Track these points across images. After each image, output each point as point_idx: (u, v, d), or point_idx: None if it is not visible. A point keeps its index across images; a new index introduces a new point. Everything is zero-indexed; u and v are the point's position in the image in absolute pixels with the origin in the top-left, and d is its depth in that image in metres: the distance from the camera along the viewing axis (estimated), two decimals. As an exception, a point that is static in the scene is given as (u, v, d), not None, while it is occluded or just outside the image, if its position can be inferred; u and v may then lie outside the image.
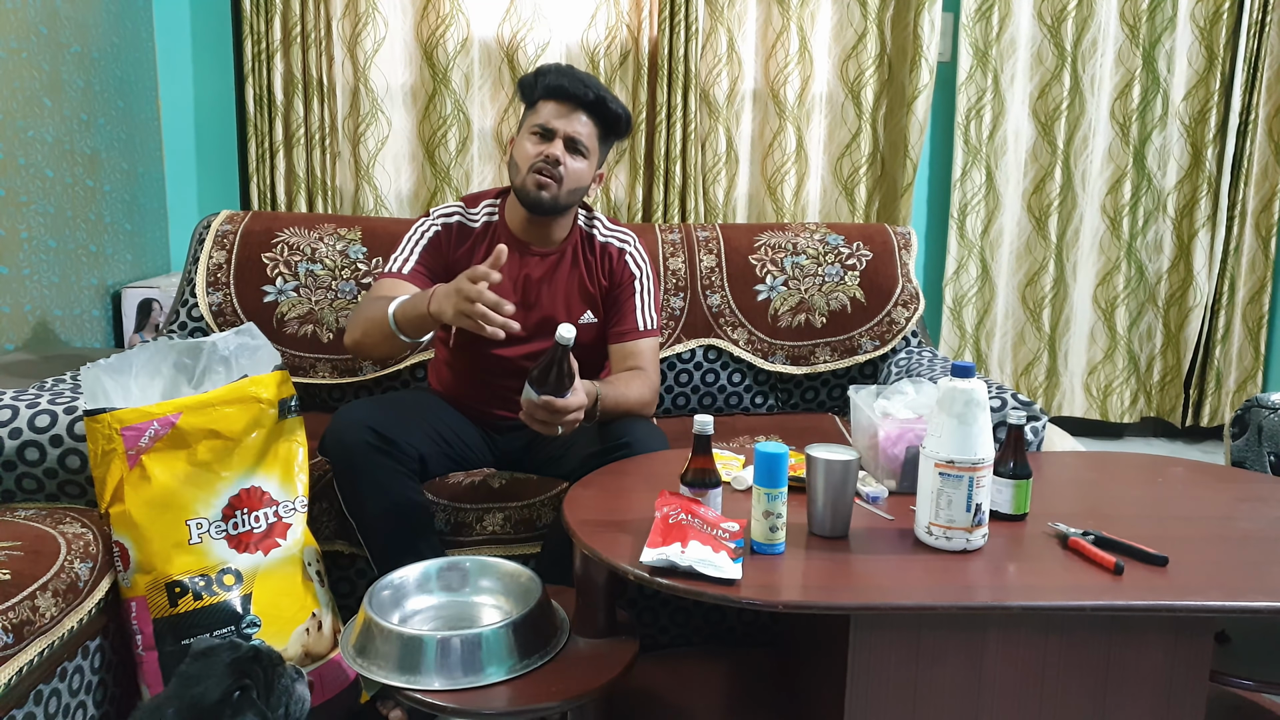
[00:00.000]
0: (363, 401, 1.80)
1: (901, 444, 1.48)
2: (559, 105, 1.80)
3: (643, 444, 1.70)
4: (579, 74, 1.82)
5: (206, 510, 1.50)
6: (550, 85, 1.80)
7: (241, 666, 1.24)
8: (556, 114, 1.80)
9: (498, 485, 1.83)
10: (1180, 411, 3.53)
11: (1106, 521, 1.37)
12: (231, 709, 1.21)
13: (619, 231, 1.95)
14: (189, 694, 1.21)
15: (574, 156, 1.80)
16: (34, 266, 2.48)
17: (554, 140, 1.79)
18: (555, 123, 1.79)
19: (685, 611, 1.90)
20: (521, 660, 1.35)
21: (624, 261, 1.92)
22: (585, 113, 1.80)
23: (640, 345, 1.87)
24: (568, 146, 1.79)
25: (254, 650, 1.27)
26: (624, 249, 1.93)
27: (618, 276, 1.91)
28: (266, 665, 1.27)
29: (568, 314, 1.87)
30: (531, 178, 1.78)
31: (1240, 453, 2.05)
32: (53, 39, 2.55)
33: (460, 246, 1.88)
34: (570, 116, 1.79)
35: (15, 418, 1.57)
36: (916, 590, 1.21)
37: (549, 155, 1.77)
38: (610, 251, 1.92)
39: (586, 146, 1.81)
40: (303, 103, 3.04)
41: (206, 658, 1.25)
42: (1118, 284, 3.45)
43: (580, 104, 1.79)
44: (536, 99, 1.83)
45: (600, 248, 1.92)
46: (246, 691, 1.23)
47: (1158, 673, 1.22)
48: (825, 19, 3.23)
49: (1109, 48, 3.31)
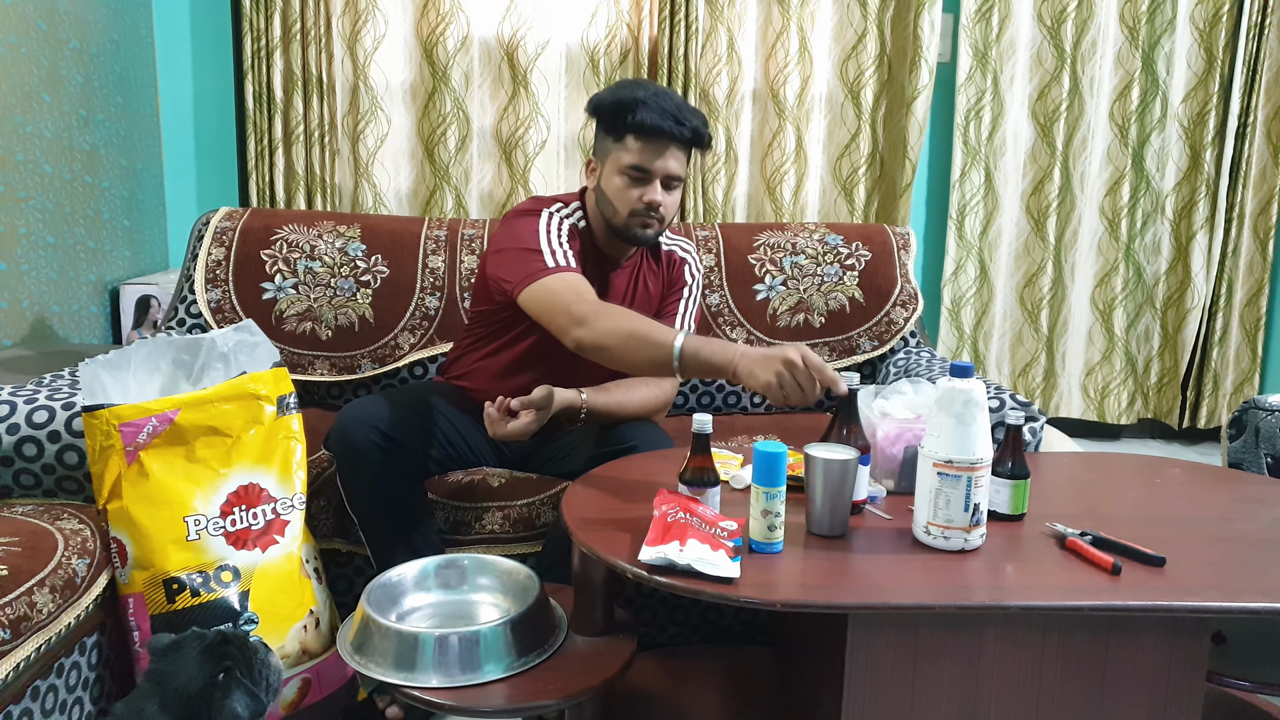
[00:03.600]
0: (370, 399, 1.77)
1: (900, 444, 1.48)
2: (653, 143, 1.70)
3: (649, 446, 1.71)
4: (672, 106, 1.70)
5: (205, 507, 1.50)
6: (645, 125, 1.69)
7: (218, 651, 1.26)
8: (652, 154, 1.70)
9: (497, 484, 1.83)
10: (1177, 413, 3.53)
11: (1104, 522, 1.37)
12: (221, 691, 1.23)
13: (680, 240, 1.98)
14: (169, 688, 1.23)
15: (671, 191, 1.75)
16: (32, 263, 2.48)
17: (652, 182, 1.72)
18: (653, 164, 1.71)
19: (683, 610, 1.90)
20: (519, 658, 1.35)
21: (682, 270, 1.94)
22: (681, 147, 1.73)
23: None
24: (665, 185, 1.74)
25: (220, 635, 1.30)
26: (685, 259, 1.95)
27: (675, 284, 1.93)
28: (240, 645, 1.30)
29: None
30: (633, 220, 1.75)
31: (1237, 454, 2.05)
32: (52, 34, 2.54)
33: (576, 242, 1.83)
34: (666, 155, 1.71)
35: (13, 413, 1.57)
36: (914, 590, 1.21)
37: (651, 202, 1.72)
38: (674, 259, 1.95)
39: (682, 179, 1.76)
40: (302, 100, 3.04)
41: (176, 652, 1.27)
42: (1116, 285, 3.45)
43: (676, 141, 1.71)
44: (625, 133, 1.72)
45: (665, 255, 1.94)
46: (230, 672, 1.25)
47: (1155, 673, 1.22)
48: (825, 19, 3.23)
49: (1108, 49, 3.31)
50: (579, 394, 1.74)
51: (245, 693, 1.25)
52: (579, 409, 1.74)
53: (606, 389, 1.79)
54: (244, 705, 1.25)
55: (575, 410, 1.74)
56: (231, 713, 1.23)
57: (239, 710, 1.24)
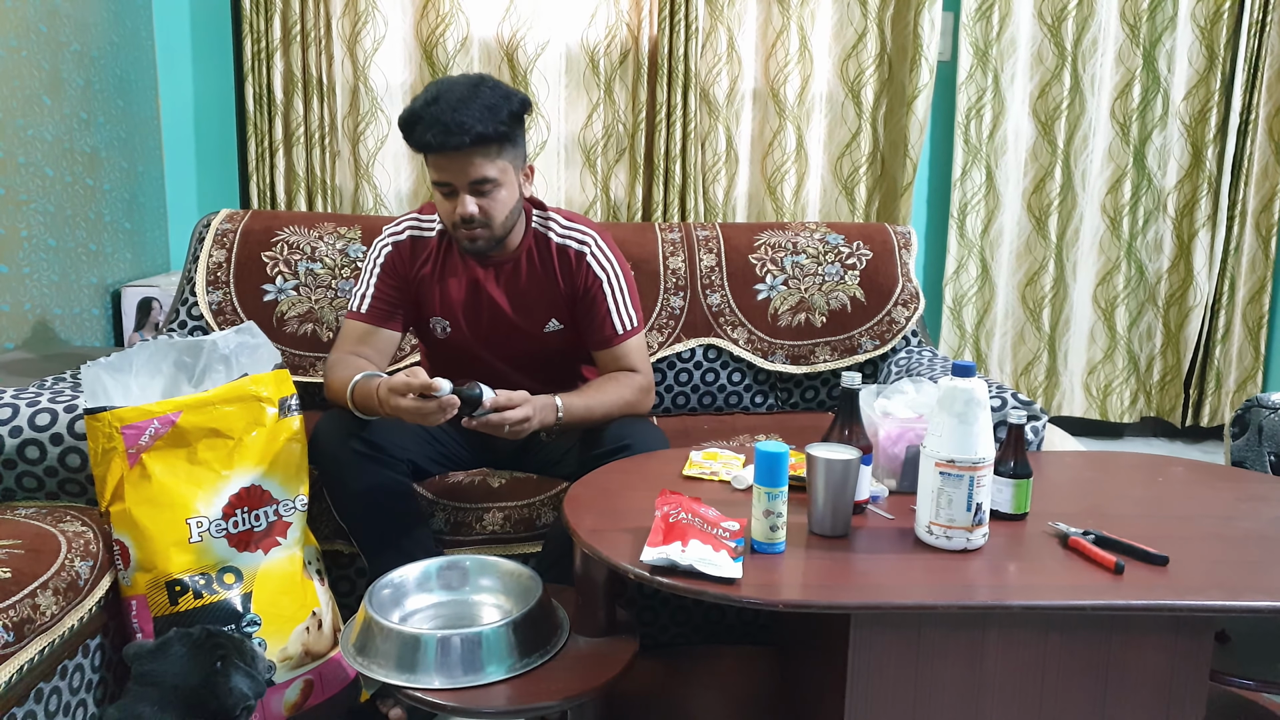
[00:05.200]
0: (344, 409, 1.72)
1: (902, 443, 1.48)
2: (441, 158, 1.65)
3: (643, 444, 1.70)
4: (445, 114, 1.60)
5: (207, 509, 1.50)
6: (423, 143, 1.63)
7: (209, 643, 1.30)
8: (446, 168, 1.65)
9: (497, 485, 1.83)
10: (1180, 411, 3.53)
11: (1107, 521, 1.37)
12: (223, 677, 1.27)
13: (576, 230, 1.83)
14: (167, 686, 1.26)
15: (487, 195, 1.68)
16: (34, 265, 2.48)
17: (459, 195, 1.67)
18: (450, 178, 1.66)
19: (685, 610, 1.90)
20: (521, 659, 1.35)
21: (585, 265, 1.80)
22: (473, 153, 1.63)
23: (624, 348, 1.83)
24: (474, 192, 1.67)
25: (205, 630, 1.33)
26: (583, 250, 1.81)
27: (582, 283, 1.81)
28: (227, 636, 1.34)
29: (532, 324, 1.82)
30: (459, 235, 1.72)
31: (1240, 452, 2.05)
32: (52, 37, 2.55)
33: (416, 259, 1.82)
34: (460, 163, 1.64)
35: (15, 416, 1.57)
36: (917, 589, 1.21)
37: (462, 215, 1.67)
38: (569, 255, 1.81)
39: (494, 179, 1.67)
40: (302, 101, 3.04)
41: (163, 653, 1.30)
42: (1118, 284, 3.45)
43: (461, 150, 1.62)
44: (417, 152, 1.68)
45: (558, 250, 1.81)
46: (227, 660, 1.28)
47: (1158, 672, 1.22)
48: (825, 18, 3.23)
49: (1109, 47, 3.31)
50: (554, 399, 1.69)
51: (244, 675, 1.29)
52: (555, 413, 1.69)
53: (581, 392, 1.77)
54: (248, 686, 1.29)
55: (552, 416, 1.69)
56: (240, 693, 1.28)
57: (245, 689, 1.29)
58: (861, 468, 1.35)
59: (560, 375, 1.87)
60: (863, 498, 1.40)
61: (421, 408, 1.53)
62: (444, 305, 1.83)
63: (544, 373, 1.83)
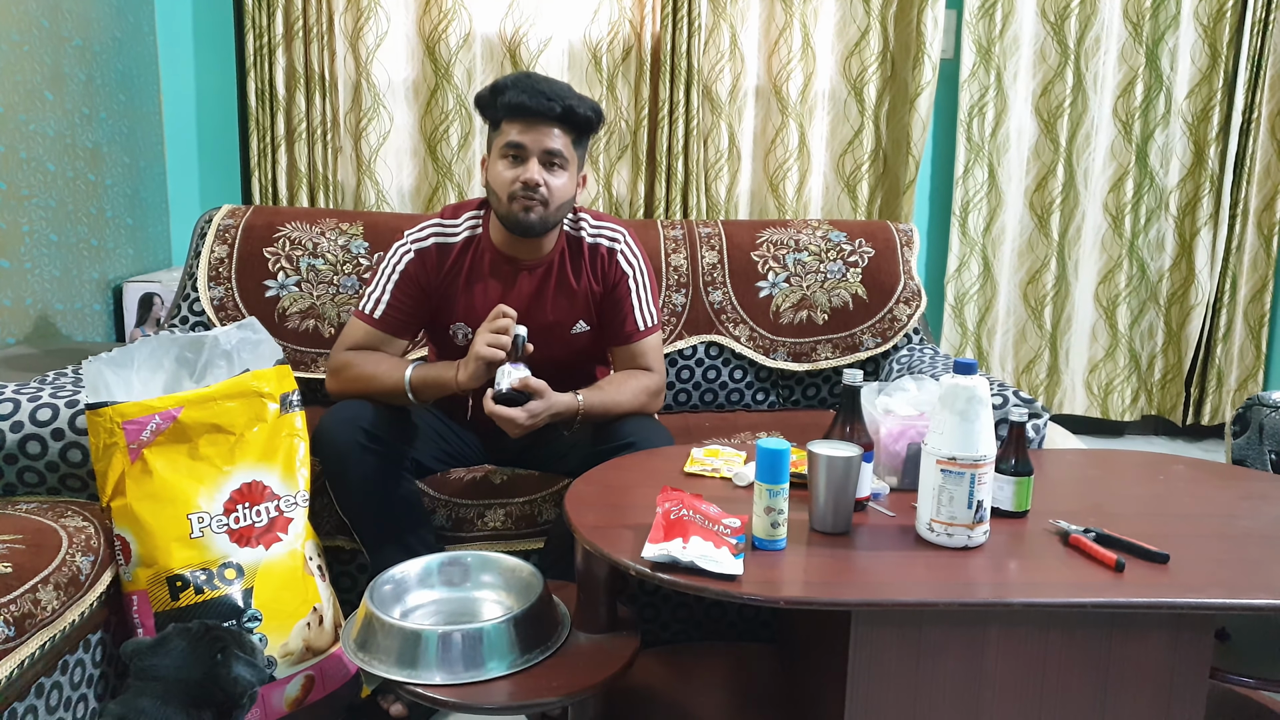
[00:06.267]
0: (353, 401, 1.73)
1: (903, 441, 1.48)
2: (525, 121, 1.70)
3: (647, 442, 1.70)
4: (539, 84, 1.71)
5: (208, 504, 1.50)
6: (511, 104, 1.69)
7: (209, 636, 1.31)
8: (525, 131, 1.70)
9: (499, 481, 1.83)
10: (1181, 410, 3.53)
11: (1108, 519, 1.37)
12: (225, 668, 1.27)
13: (607, 228, 1.86)
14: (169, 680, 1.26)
15: (553, 172, 1.72)
16: (35, 260, 2.48)
17: (529, 161, 1.70)
18: (526, 141, 1.70)
19: (686, 607, 1.90)
20: (523, 655, 1.35)
21: (615, 261, 1.83)
22: (555, 124, 1.71)
23: (643, 345, 1.84)
24: (544, 163, 1.71)
25: (202, 624, 1.33)
26: (614, 247, 1.84)
27: (611, 279, 1.84)
28: (226, 628, 1.35)
29: (561, 327, 1.82)
30: (514, 205, 1.71)
31: (1241, 451, 2.05)
32: (54, 32, 2.54)
33: (441, 267, 1.80)
34: (540, 131, 1.70)
35: (17, 411, 1.57)
36: (918, 586, 1.21)
37: (527, 180, 1.69)
38: (600, 252, 1.84)
39: (565, 157, 1.72)
40: (304, 97, 3.04)
41: (162, 648, 1.30)
42: (1119, 282, 3.45)
43: (548, 118, 1.70)
44: (500, 119, 1.73)
45: (590, 249, 1.84)
46: (228, 651, 1.29)
47: (1158, 670, 1.22)
48: (828, 15, 3.22)
49: (1112, 45, 3.30)
50: (575, 396, 1.71)
51: (246, 665, 1.30)
52: (575, 412, 1.71)
53: (599, 388, 1.77)
54: (250, 674, 1.31)
55: (572, 414, 1.71)
56: (245, 680, 1.29)
57: (249, 677, 1.30)
58: (863, 465, 1.35)
59: (577, 376, 1.87)
60: (864, 495, 1.40)
61: (497, 325, 1.64)
62: (468, 312, 1.81)
63: (562, 373, 1.83)
